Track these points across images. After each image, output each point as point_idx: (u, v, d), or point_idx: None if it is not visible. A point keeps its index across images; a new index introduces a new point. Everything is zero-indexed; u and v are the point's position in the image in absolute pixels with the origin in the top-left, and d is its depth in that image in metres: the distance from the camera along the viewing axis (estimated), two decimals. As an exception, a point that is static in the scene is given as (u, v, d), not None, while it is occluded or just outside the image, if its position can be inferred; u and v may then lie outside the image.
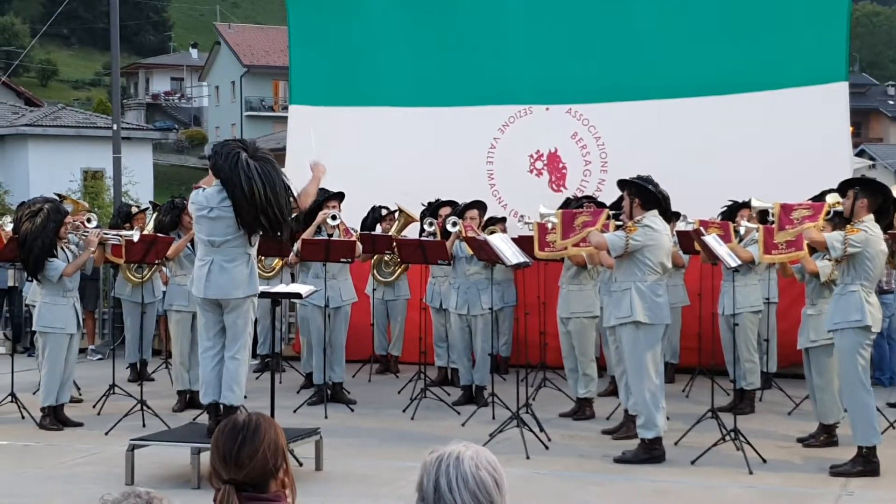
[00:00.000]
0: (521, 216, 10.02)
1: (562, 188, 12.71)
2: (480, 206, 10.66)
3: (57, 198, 10.73)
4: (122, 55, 18.57)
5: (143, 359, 11.96)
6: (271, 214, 7.77)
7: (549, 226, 8.93)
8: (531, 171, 13.02)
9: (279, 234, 7.98)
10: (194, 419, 9.33)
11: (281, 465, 3.16)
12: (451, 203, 11.23)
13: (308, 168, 8.58)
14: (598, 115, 12.76)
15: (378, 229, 12.14)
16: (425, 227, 11.30)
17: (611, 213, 8.68)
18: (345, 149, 13.38)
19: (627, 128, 12.58)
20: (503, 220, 11.76)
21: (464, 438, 3.02)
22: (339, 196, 10.87)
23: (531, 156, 13.03)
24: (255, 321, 8.64)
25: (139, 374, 11.64)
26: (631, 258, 8.19)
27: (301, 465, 7.75)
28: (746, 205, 10.31)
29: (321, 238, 10.55)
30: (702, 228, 9.01)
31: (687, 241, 10.16)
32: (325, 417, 9.83)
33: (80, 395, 10.80)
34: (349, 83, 13.67)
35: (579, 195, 11.43)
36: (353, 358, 11.93)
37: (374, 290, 12.41)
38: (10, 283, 14.52)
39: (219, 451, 3.12)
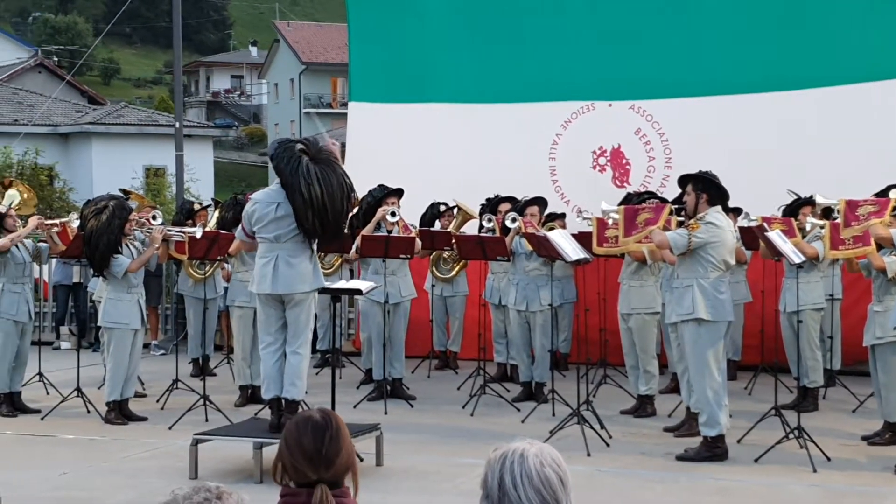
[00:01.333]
0: (581, 211, 9.97)
1: (625, 184, 12.64)
2: (540, 202, 10.63)
3: (122, 194, 10.89)
4: (183, 53, 18.76)
5: (206, 354, 12.06)
6: (327, 219, 7.81)
7: (610, 221, 8.89)
8: (594, 168, 12.97)
9: (334, 238, 7.98)
10: (256, 414, 9.41)
11: (354, 461, 3.21)
12: (511, 199, 11.21)
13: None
14: (661, 111, 12.68)
15: (437, 226, 12.15)
16: (484, 223, 11.29)
17: (673, 208, 8.60)
18: (404, 145, 13.44)
19: (691, 124, 12.49)
20: (562, 216, 11.71)
21: (524, 435, 3.02)
22: (398, 193, 10.89)
23: (594, 152, 12.98)
24: (315, 317, 8.69)
25: (201, 370, 11.76)
26: (693, 255, 8.12)
27: (362, 460, 7.78)
28: (809, 201, 10.18)
29: (380, 234, 10.58)
30: (765, 224, 8.92)
31: (749, 237, 10.06)
32: (385, 413, 9.86)
33: (144, 389, 10.94)
34: (409, 79, 13.69)
35: (641, 191, 11.33)
36: (412, 354, 11.95)
37: (432, 286, 12.43)
38: (76, 280, 14.75)
39: (304, 450, 3.15)
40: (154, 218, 10.40)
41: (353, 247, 10.65)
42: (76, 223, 10.35)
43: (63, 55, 59.25)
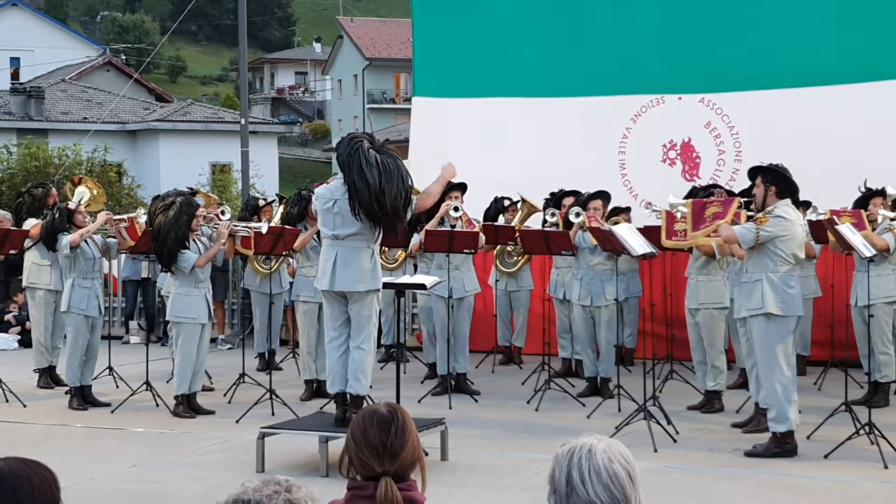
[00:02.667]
0: (649, 204, 9.89)
1: (695, 178, 12.50)
2: (604, 195, 10.55)
3: (189, 191, 11.01)
4: (248, 50, 18.92)
5: (272, 348, 12.17)
6: (385, 205, 7.78)
7: (678, 215, 8.80)
8: (664, 161, 12.85)
9: (392, 226, 7.96)
10: (321, 408, 9.46)
11: (420, 455, 3.21)
12: (575, 193, 11.15)
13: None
14: (731, 104, 12.52)
15: (501, 220, 12.12)
16: (547, 217, 11.23)
17: (742, 202, 8.49)
18: (468, 140, 13.40)
19: (761, 117, 12.32)
20: (627, 209, 11.62)
21: (589, 431, 2.99)
22: (462, 187, 10.88)
23: (664, 146, 12.86)
24: (379, 312, 8.72)
25: (267, 364, 11.86)
26: (762, 249, 8.01)
27: (427, 455, 7.78)
28: (880, 192, 10.00)
29: (444, 229, 10.58)
30: (834, 217, 8.77)
31: (819, 230, 9.90)
32: (450, 408, 9.86)
33: (211, 383, 11.05)
34: (473, 74, 13.66)
35: (707, 184, 11.20)
36: (476, 349, 11.94)
37: (497, 280, 12.40)
38: (144, 275, 14.95)
39: (370, 443, 3.16)
40: (222, 213, 10.51)
41: (417, 241, 10.67)
42: (144, 219, 10.49)
43: (131, 53, 60.12)
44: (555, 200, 11.41)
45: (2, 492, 2.65)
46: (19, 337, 14.55)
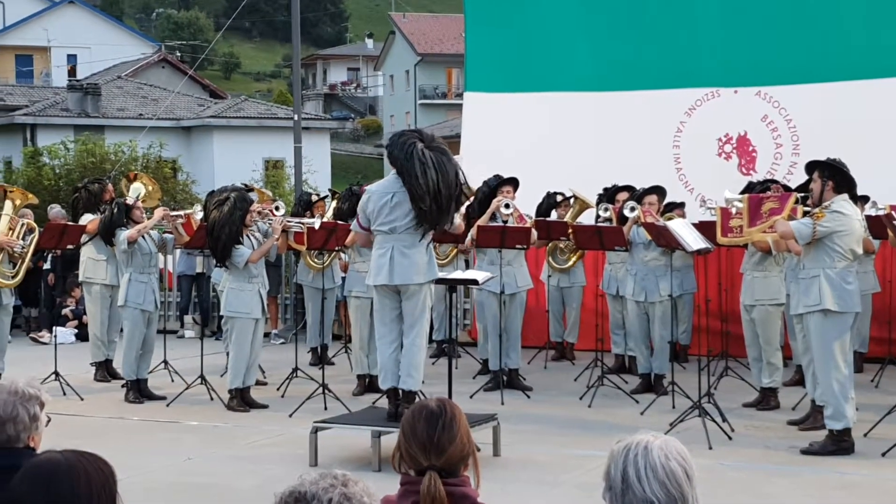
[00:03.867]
0: (705, 200, 9.79)
1: (752, 172, 12.36)
2: (659, 191, 10.47)
3: (244, 187, 11.08)
4: (300, 47, 19.02)
5: (324, 343, 12.22)
6: (443, 204, 7.81)
7: (733, 210, 8.71)
8: (720, 155, 12.72)
9: (447, 223, 7.99)
10: (374, 403, 9.48)
11: (471, 450, 3.20)
12: (629, 188, 11.07)
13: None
14: (788, 97, 12.37)
15: (553, 215, 12.07)
16: (600, 212, 11.17)
17: (799, 197, 8.38)
18: (520, 135, 13.37)
19: (819, 110, 12.15)
20: (682, 205, 11.51)
21: (643, 427, 2.97)
22: (514, 182, 10.84)
23: (720, 139, 12.73)
24: (431, 307, 8.72)
25: (320, 359, 11.91)
26: (820, 244, 7.91)
27: (479, 450, 7.76)
28: (941, 187, 9.83)
29: (496, 224, 10.56)
30: (893, 213, 8.64)
31: (877, 225, 9.75)
32: (502, 404, 9.84)
33: (264, 377, 11.12)
34: (526, 69, 13.61)
35: (766, 178, 11.07)
36: (528, 344, 11.90)
37: (549, 276, 12.35)
38: (199, 270, 15.08)
39: (417, 437, 3.17)
40: (277, 209, 10.56)
41: (469, 237, 10.65)
42: (200, 215, 10.57)
43: (185, 50, 60.69)
44: (608, 195, 11.33)
45: (59, 484, 2.67)
46: (76, 331, 14.75)
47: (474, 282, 8.78)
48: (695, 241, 8.76)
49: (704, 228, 9.36)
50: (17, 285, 10.89)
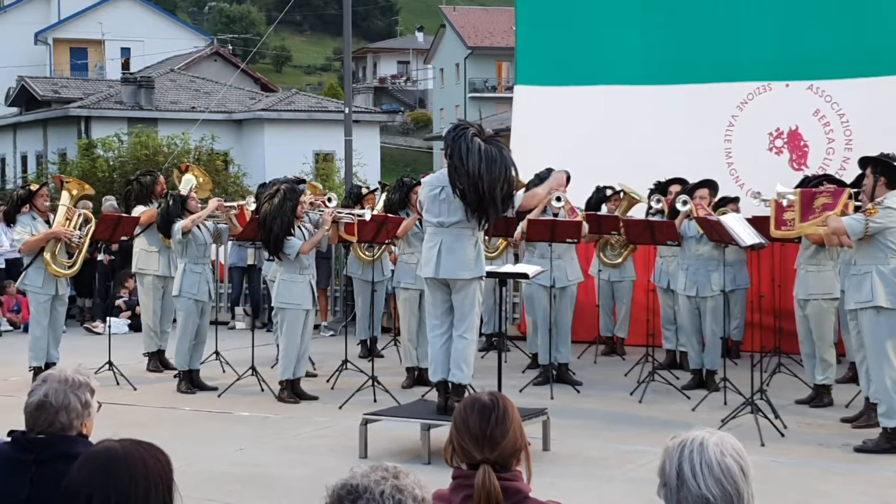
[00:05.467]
0: (758, 194, 9.68)
1: (803, 167, 12.22)
2: (711, 185, 10.38)
3: (296, 179, 11.13)
4: (351, 40, 19.06)
5: (374, 336, 12.25)
6: (482, 191, 7.76)
7: (785, 203, 8.61)
8: (771, 150, 12.59)
9: (487, 214, 7.94)
10: (423, 396, 9.50)
11: (524, 444, 3.19)
12: (681, 181, 10.98)
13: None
14: (841, 91, 12.20)
15: (603, 209, 12.00)
16: (653, 204, 11.09)
17: (852, 192, 8.27)
18: (571, 128, 13.30)
19: (872, 104, 11.97)
20: (736, 199, 11.39)
21: (694, 424, 2.94)
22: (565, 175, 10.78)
23: (770, 134, 12.59)
24: (481, 301, 8.70)
25: (369, 351, 11.94)
26: (872, 240, 7.80)
27: (529, 444, 7.74)
28: None
29: (547, 218, 10.52)
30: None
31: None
32: (551, 398, 9.81)
33: (314, 369, 11.17)
34: (577, 62, 13.54)
35: (819, 174, 10.94)
36: (578, 339, 11.84)
37: (599, 270, 12.29)
38: (250, 262, 15.18)
39: (470, 430, 3.17)
40: (329, 200, 10.60)
41: (518, 230, 10.62)
42: (253, 206, 10.65)
43: (237, 44, 61.11)
44: (661, 188, 11.25)
45: (117, 472, 2.70)
46: (129, 321, 14.91)
47: (524, 276, 8.76)
48: (749, 236, 8.67)
49: (758, 223, 9.26)
50: (72, 276, 11.05)
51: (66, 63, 50.95)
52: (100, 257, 15.24)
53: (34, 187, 11.19)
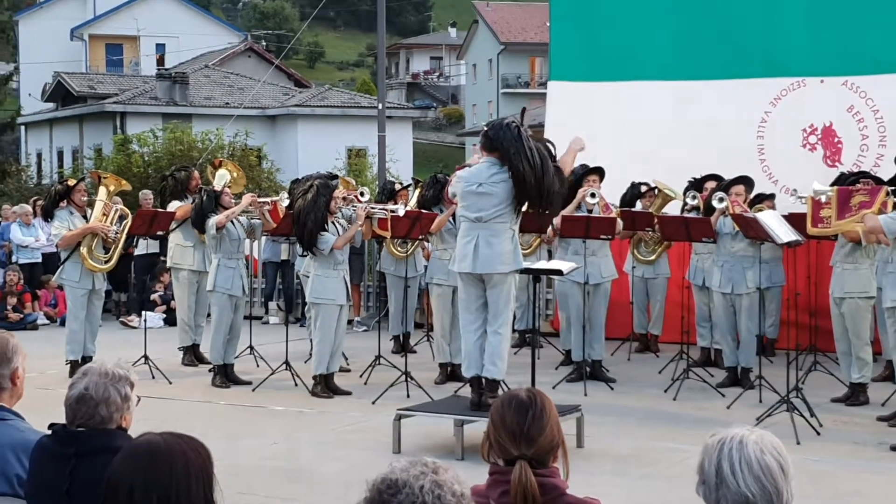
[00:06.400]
0: (794, 190, 9.60)
1: (837, 163, 12.13)
2: (747, 181, 10.31)
3: (328, 174, 11.15)
4: (385, 36, 19.07)
5: (407, 331, 12.27)
6: (545, 188, 7.82)
7: (824, 199, 8.54)
8: (804, 146, 12.50)
9: (548, 209, 8.01)
10: (456, 392, 9.50)
11: (561, 441, 3.18)
12: (716, 177, 10.92)
13: (567, 143, 8.58)
14: (876, 87, 12.10)
15: (638, 206, 11.95)
16: (688, 200, 11.04)
17: (890, 190, 8.19)
18: (605, 124, 13.25)
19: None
20: (772, 196, 11.31)
21: (729, 421, 2.93)
22: (600, 172, 10.77)
23: (804, 130, 12.51)
24: (515, 297, 8.69)
25: (402, 346, 11.96)
26: (911, 237, 7.73)
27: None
28: None
29: (581, 214, 10.49)
30: None
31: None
32: (585, 395, 9.79)
33: (347, 364, 11.20)
34: (611, 57, 13.49)
35: (855, 170, 10.85)
36: (611, 336, 11.80)
37: (633, 267, 12.24)
38: (284, 257, 15.24)
39: (507, 426, 3.17)
40: (362, 195, 10.62)
41: (552, 227, 10.60)
42: (286, 202, 10.68)
43: (271, 40, 61.29)
44: (696, 184, 11.20)
45: (158, 466, 2.72)
46: (164, 316, 15.01)
47: (559, 272, 8.74)
48: (785, 233, 8.61)
49: (794, 220, 9.20)
50: (108, 270, 11.14)
51: (102, 59, 51.31)
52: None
53: (72, 182, 11.28)
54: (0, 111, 38.58)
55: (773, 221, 8.73)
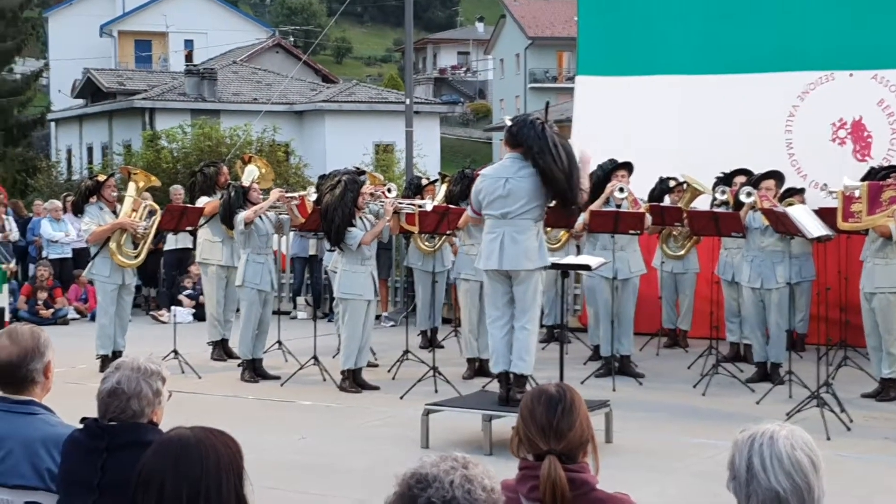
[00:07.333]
0: (825, 185, 9.54)
1: (867, 158, 12.02)
2: (777, 176, 10.24)
3: (356, 170, 11.17)
4: (412, 31, 19.08)
5: (434, 326, 12.26)
6: (574, 184, 7.81)
7: (857, 193, 8.48)
8: (834, 141, 12.41)
9: (573, 205, 8.00)
10: (484, 387, 9.50)
11: (591, 436, 3.18)
12: (746, 172, 10.85)
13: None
14: None
15: (666, 201, 11.90)
16: (717, 195, 10.98)
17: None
18: (633, 119, 13.21)
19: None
20: (801, 191, 11.25)
21: (759, 417, 2.92)
22: (628, 167, 10.73)
23: (833, 124, 12.41)
24: (543, 292, 8.68)
25: (430, 341, 11.96)
26: (944, 232, 7.66)
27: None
28: None
29: (610, 209, 10.46)
30: None
31: None
32: (613, 390, 9.76)
33: (375, 359, 11.21)
34: (639, 52, 13.44)
35: (885, 165, 10.76)
36: (640, 331, 11.77)
37: (662, 262, 12.19)
38: (312, 252, 15.28)
39: (536, 421, 3.16)
40: (389, 190, 10.64)
41: (580, 221, 10.57)
42: (314, 196, 10.71)
43: (298, 35, 61.42)
44: (725, 179, 11.14)
45: (189, 460, 2.73)
46: (194, 310, 15.08)
47: (587, 267, 8.72)
48: (815, 227, 8.56)
49: (824, 215, 9.14)
50: (137, 266, 11.21)
51: (131, 55, 51.61)
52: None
53: (101, 178, 11.35)
54: (30, 108, 38.85)
55: (803, 216, 8.68)
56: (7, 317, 10.81)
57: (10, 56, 35.75)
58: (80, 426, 3.65)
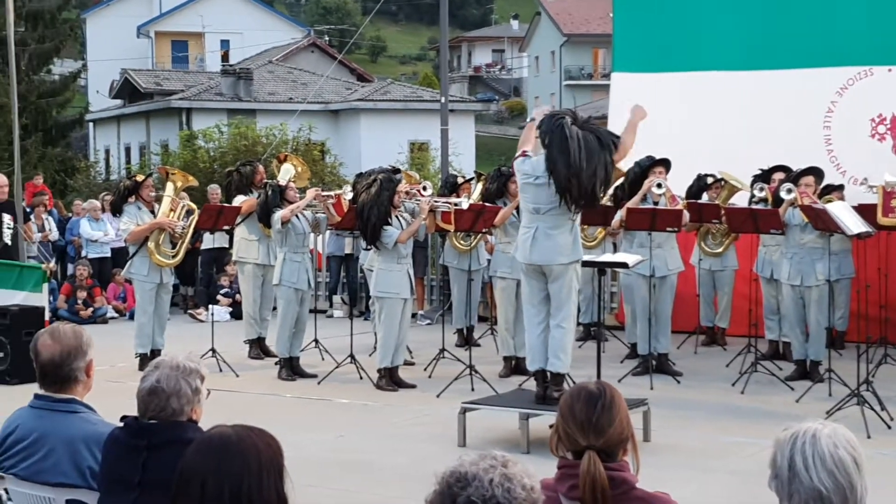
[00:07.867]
0: (864, 180, 9.44)
1: (906, 153, 11.91)
2: (817, 172, 10.15)
3: (392, 169, 11.19)
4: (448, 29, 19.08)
5: (470, 324, 12.25)
6: (582, 183, 7.74)
7: (896, 191, 8.40)
8: (873, 136, 12.29)
9: (584, 205, 7.92)
10: (520, 385, 9.49)
11: (630, 434, 3.16)
12: (784, 168, 10.77)
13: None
14: None
15: (704, 198, 11.83)
16: (755, 192, 10.90)
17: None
18: (669, 115, 13.12)
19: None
20: (840, 187, 11.14)
21: (798, 415, 2.89)
22: (666, 163, 10.67)
23: (873, 120, 12.29)
24: (579, 290, 8.65)
25: (466, 340, 11.95)
26: None
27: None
28: None
29: (647, 207, 10.41)
30: None
31: None
32: (651, 388, 9.72)
33: (412, 358, 11.22)
34: (675, 48, 13.37)
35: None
36: (678, 329, 11.71)
37: (700, 260, 12.12)
38: (348, 251, 15.33)
39: (575, 418, 3.15)
40: (424, 189, 10.65)
41: (617, 219, 10.53)
42: (350, 195, 10.73)
43: (333, 34, 61.60)
44: (764, 175, 11.05)
45: (230, 458, 2.74)
46: (231, 309, 15.16)
47: (624, 265, 8.69)
48: (855, 224, 8.48)
49: (864, 211, 9.05)
50: (175, 265, 11.28)
51: (168, 55, 51.97)
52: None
53: (139, 178, 11.43)
54: (69, 108, 39.18)
55: (843, 212, 8.60)
56: (47, 316, 10.88)
57: (48, 57, 36.06)
58: (121, 424, 3.68)
